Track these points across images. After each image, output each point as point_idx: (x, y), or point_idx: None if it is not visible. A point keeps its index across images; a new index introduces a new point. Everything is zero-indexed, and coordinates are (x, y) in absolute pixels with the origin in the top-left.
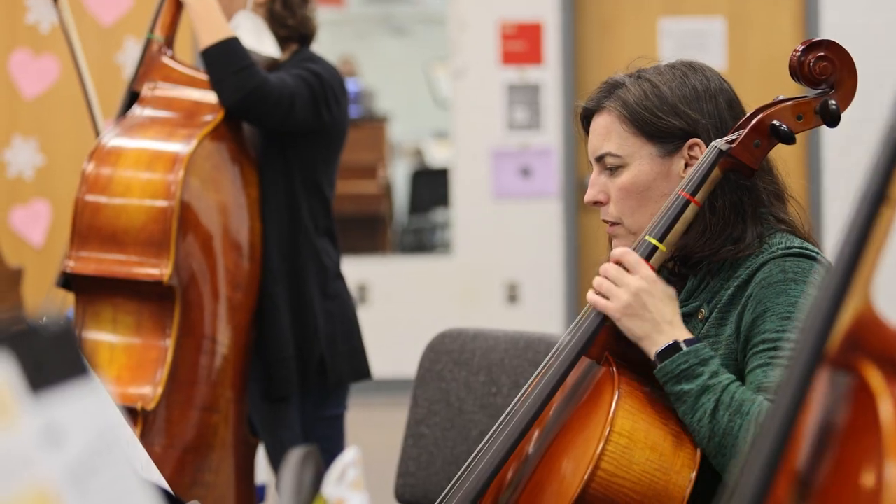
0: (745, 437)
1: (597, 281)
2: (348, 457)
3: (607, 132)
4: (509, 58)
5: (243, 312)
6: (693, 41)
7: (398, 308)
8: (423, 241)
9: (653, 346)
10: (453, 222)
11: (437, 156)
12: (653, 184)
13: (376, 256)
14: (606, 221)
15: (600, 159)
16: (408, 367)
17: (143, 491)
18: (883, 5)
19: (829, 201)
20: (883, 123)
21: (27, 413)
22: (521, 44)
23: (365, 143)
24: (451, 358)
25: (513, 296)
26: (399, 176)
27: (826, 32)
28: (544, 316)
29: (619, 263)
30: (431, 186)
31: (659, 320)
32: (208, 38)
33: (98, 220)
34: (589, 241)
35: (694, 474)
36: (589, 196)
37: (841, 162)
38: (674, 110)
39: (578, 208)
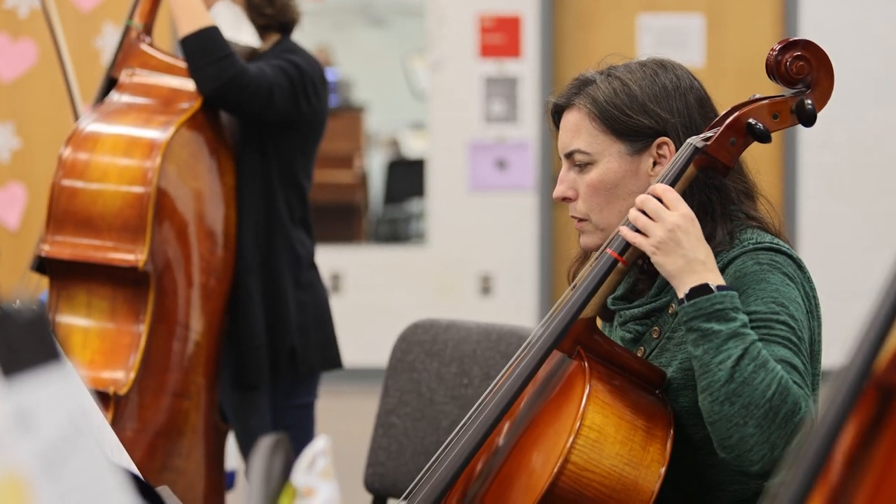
0: (763, 392)
1: (632, 214)
2: (318, 445)
3: (577, 129)
4: (487, 51)
5: (217, 300)
6: (671, 38)
7: (371, 298)
8: (397, 231)
9: (683, 284)
10: (428, 213)
11: (413, 146)
12: (621, 181)
13: (351, 246)
14: (575, 217)
15: (569, 156)
16: (379, 356)
17: (115, 476)
18: (862, 3)
19: (804, 199)
20: (861, 121)
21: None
22: (500, 37)
23: (341, 132)
24: (423, 348)
25: (486, 288)
26: (375, 166)
27: (805, 30)
28: (517, 308)
29: (658, 199)
30: (407, 177)
31: (692, 258)
32: (187, 27)
33: (74, 205)
34: (563, 235)
35: (663, 469)
36: (557, 192)
37: (816, 159)
38: (643, 109)
39: (553, 202)
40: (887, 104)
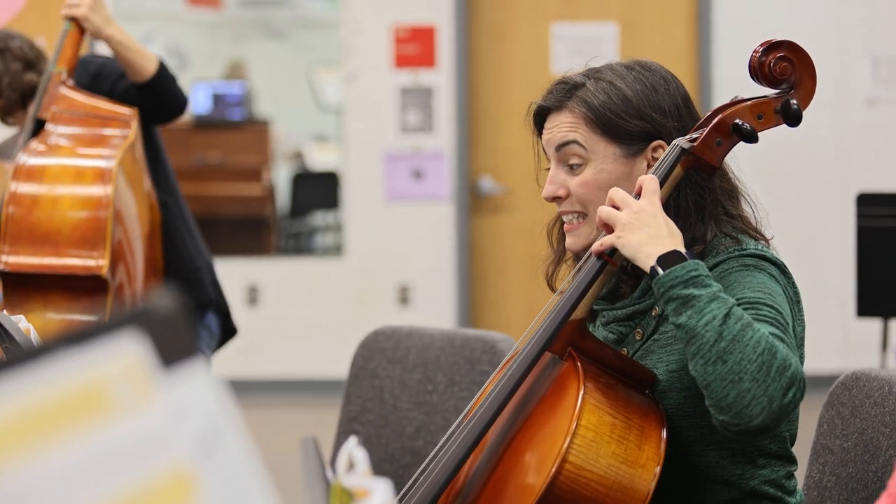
0: (754, 347)
1: (601, 210)
2: (351, 445)
3: (573, 127)
4: (402, 61)
5: None
6: (586, 46)
7: (289, 309)
8: (300, 244)
9: (649, 257)
10: (345, 224)
11: (318, 159)
12: (615, 183)
13: (266, 258)
14: (566, 213)
15: (563, 147)
16: (300, 367)
17: (255, 473)
18: (775, 13)
19: None
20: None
21: (161, 391)
22: (415, 47)
23: (250, 145)
24: (384, 356)
25: (404, 298)
26: (280, 179)
27: (718, 38)
28: (436, 318)
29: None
30: (312, 189)
31: (654, 234)
32: (150, 64)
33: (30, 225)
34: (480, 244)
35: (658, 468)
36: (548, 192)
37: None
38: (639, 113)
39: (470, 211)
40: None
